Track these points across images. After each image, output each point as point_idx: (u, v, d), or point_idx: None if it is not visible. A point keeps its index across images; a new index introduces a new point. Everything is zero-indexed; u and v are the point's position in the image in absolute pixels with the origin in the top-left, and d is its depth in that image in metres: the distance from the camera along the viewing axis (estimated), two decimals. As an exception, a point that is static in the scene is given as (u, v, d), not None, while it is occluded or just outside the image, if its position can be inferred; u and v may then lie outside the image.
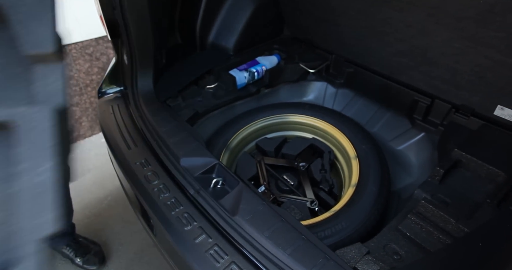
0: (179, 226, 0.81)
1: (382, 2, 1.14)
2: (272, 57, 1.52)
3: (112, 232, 1.59)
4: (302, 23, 1.58)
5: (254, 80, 1.44)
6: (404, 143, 1.30)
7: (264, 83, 1.46)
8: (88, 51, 1.82)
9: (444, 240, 0.79)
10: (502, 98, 1.03)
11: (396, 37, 1.20)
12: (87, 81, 1.92)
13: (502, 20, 0.89)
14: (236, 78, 1.38)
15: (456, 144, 1.00)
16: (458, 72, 1.08)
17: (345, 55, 1.46)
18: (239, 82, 1.39)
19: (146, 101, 1.16)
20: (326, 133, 1.33)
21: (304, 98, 1.58)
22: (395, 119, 1.35)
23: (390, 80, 1.31)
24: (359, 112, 1.45)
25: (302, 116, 1.37)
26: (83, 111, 2.00)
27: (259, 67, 1.46)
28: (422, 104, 1.24)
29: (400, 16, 1.14)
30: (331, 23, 1.42)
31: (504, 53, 0.94)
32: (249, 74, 1.41)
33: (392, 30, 1.20)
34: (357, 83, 1.47)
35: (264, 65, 1.47)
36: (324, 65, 1.52)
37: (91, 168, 1.91)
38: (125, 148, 1.04)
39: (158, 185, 0.92)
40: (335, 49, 1.51)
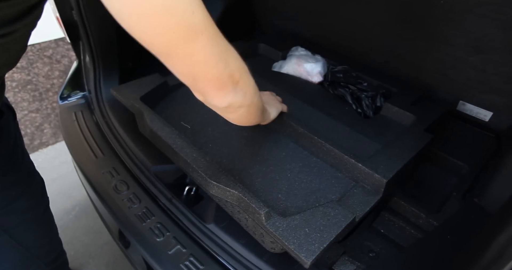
0: (151, 237, 0.78)
1: (353, 1, 1.15)
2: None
3: (82, 245, 1.51)
4: (274, 22, 1.57)
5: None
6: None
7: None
8: (47, 54, 1.71)
9: (416, 234, 0.82)
10: (463, 94, 1.08)
11: (363, 35, 1.22)
12: (48, 86, 1.80)
13: (460, 19, 0.93)
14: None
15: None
16: (422, 69, 1.12)
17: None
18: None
19: (112, 106, 1.10)
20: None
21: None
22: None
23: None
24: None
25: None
26: (44, 118, 1.88)
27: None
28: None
29: (367, 14, 1.16)
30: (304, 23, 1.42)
31: (463, 51, 0.98)
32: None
33: (359, 30, 1.22)
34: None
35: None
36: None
37: (56, 177, 1.80)
38: (91, 157, 0.99)
39: (127, 195, 0.87)
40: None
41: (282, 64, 1.21)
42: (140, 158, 0.95)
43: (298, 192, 0.76)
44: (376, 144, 0.88)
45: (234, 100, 0.54)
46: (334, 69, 1.13)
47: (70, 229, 1.57)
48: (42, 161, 1.90)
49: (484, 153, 1.00)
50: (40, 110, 1.84)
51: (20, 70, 1.67)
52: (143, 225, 0.80)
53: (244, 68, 0.54)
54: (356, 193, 0.73)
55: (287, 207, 0.72)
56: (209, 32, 0.44)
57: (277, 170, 0.81)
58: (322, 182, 0.78)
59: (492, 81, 0.97)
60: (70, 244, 1.50)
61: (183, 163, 0.78)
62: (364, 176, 0.77)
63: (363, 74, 1.13)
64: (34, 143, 1.93)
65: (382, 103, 1.02)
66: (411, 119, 0.97)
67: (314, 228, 0.63)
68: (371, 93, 1.03)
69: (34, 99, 1.79)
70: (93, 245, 1.50)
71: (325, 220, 0.65)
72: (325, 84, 1.13)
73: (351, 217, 0.66)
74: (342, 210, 0.67)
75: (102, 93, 1.13)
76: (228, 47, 0.49)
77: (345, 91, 1.06)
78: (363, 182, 0.77)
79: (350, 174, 0.80)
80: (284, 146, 0.88)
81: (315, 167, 0.82)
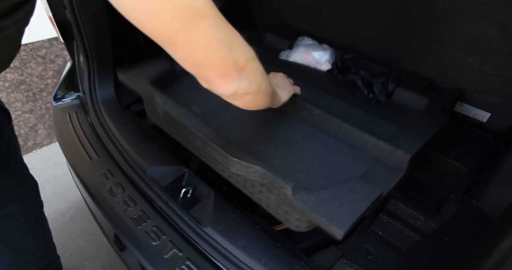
0: (147, 241, 0.76)
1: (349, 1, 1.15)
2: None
3: (77, 247, 1.49)
4: (272, 22, 1.56)
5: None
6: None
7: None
8: (40, 53, 1.69)
9: (414, 237, 0.81)
10: (461, 94, 1.07)
11: (362, 35, 1.21)
12: (42, 86, 1.78)
13: (459, 19, 0.93)
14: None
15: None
16: (420, 69, 1.11)
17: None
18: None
19: (107, 107, 1.09)
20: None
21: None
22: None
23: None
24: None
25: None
26: (38, 118, 1.86)
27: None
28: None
29: (365, 15, 1.15)
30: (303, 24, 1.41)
31: (461, 51, 0.98)
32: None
33: (355, 30, 1.21)
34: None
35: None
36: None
37: (50, 178, 1.78)
38: (86, 159, 0.97)
39: (123, 198, 0.86)
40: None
41: (289, 53, 1.18)
42: (135, 160, 0.93)
43: (319, 172, 0.74)
44: (392, 125, 0.85)
45: (240, 88, 0.52)
46: (344, 56, 1.11)
47: (65, 231, 1.55)
48: (36, 162, 1.87)
49: (482, 154, 1.00)
50: (34, 110, 1.82)
51: (13, 70, 1.64)
52: (138, 229, 0.79)
53: (251, 54, 0.52)
54: (379, 171, 0.71)
55: (309, 186, 0.69)
56: (211, 16, 0.43)
57: (295, 152, 0.78)
58: (342, 162, 0.76)
59: (490, 82, 0.96)
60: (65, 247, 1.48)
61: (200, 143, 0.75)
62: (386, 154, 0.74)
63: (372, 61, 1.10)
64: (28, 144, 1.90)
65: (394, 88, 1.00)
66: (425, 102, 0.94)
67: (343, 201, 0.62)
68: (382, 78, 1.01)
69: (28, 100, 1.77)
70: (88, 247, 1.49)
71: (353, 194, 0.63)
72: (335, 71, 1.11)
73: (379, 191, 0.64)
74: (369, 185, 0.66)
75: (97, 94, 1.11)
76: (232, 32, 0.48)
77: (355, 77, 1.04)
78: (386, 160, 0.75)
79: (370, 153, 0.77)
80: (300, 129, 0.86)
81: (334, 148, 0.80)
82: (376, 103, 1.00)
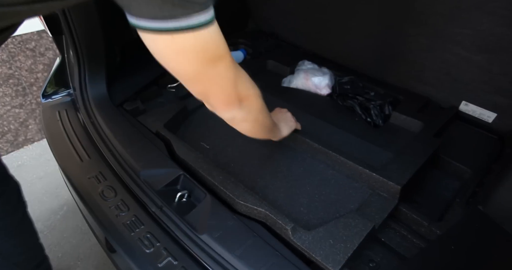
0: (140, 249, 0.73)
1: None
2: (237, 52, 1.43)
3: (70, 246, 1.46)
4: (268, 16, 1.51)
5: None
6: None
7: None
8: (29, 46, 1.62)
9: (418, 244, 0.78)
10: (466, 94, 1.04)
11: (363, 31, 1.17)
12: (32, 80, 1.72)
13: (468, 16, 0.88)
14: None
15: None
16: (425, 68, 1.08)
17: (312, 49, 1.42)
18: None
19: (98, 105, 1.04)
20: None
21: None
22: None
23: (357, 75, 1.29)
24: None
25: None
26: (29, 113, 1.80)
27: (223, 63, 1.37)
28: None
29: (368, 11, 1.10)
30: (297, 16, 1.36)
31: (469, 50, 0.94)
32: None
33: (360, 25, 1.17)
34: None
35: (229, 61, 1.38)
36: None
37: (42, 175, 1.74)
38: (76, 160, 0.93)
39: (115, 203, 0.82)
40: (302, 43, 1.46)
41: (291, 79, 1.27)
42: (128, 162, 0.89)
43: (319, 204, 0.82)
44: (388, 152, 0.94)
45: (239, 115, 0.64)
46: (341, 80, 1.19)
47: (57, 230, 1.51)
48: (27, 159, 1.82)
49: (487, 156, 0.97)
50: (24, 105, 1.76)
51: (1, 64, 1.58)
52: (131, 235, 0.75)
53: (252, 88, 0.63)
54: (373, 201, 0.79)
55: (309, 219, 0.79)
56: (226, 59, 0.53)
57: (297, 185, 0.87)
58: (340, 193, 0.84)
59: (498, 81, 0.93)
60: (57, 246, 1.45)
61: (210, 184, 0.85)
62: (379, 185, 0.82)
63: (368, 82, 1.19)
64: (18, 140, 1.85)
65: (391, 111, 1.08)
66: (419, 125, 1.02)
67: (337, 239, 0.69)
68: (379, 102, 1.09)
69: (17, 94, 1.71)
70: (81, 246, 1.45)
71: (347, 230, 0.71)
72: (334, 96, 1.20)
73: (371, 225, 0.71)
74: (362, 219, 0.73)
75: (88, 91, 1.06)
76: (240, 71, 0.59)
77: (353, 102, 1.12)
78: (379, 190, 0.83)
79: (366, 184, 0.86)
80: (301, 162, 0.95)
81: (332, 179, 0.89)
82: (374, 127, 1.07)
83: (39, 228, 1.51)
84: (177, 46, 0.46)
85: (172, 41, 0.45)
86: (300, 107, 1.12)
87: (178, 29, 0.43)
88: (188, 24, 0.44)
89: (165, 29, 0.43)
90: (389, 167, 0.83)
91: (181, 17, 0.43)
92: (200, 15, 0.44)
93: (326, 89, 1.21)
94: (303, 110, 1.10)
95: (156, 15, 0.42)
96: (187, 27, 0.44)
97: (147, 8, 0.41)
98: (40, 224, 1.52)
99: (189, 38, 0.45)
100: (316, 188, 0.86)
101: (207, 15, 0.45)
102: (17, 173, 0.85)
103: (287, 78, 1.28)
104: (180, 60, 0.49)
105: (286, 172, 0.92)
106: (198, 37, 0.46)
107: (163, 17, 0.42)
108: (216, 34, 0.49)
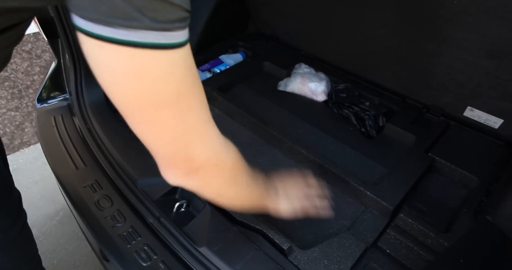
0: (136, 262, 0.70)
1: (352, 0, 1.07)
2: (237, 55, 1.41)
3: (66, 253, 1.43)
4: (268, 19, 1.48)
5: (218, 81, 1.33)
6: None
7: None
8: (25, 48, 1.59)
9: (425, 256, 0.76)
10: (472, 99, 1.01)
11: (367, 36, 1.14)
12: (28, 82, 1.69)
13: (475, 21, 0.86)
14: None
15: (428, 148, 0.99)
16: (429, 73, 1.05)
17: (313, 53, 1.39)
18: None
19: (95, 110, 1.01)
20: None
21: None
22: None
23: (359, 79, 1.26)
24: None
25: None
26: (25, 116, 1.77)
27: (223, 66, 1.34)
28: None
29: (372, 15, 1.08)
30: (298, 19, 1.33)
31: (475, 55, 0.92)
32: (213, 75, 1.30)
33: (364, 29, 1.14)
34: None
35: (228, 64, 1.36)
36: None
37: (38, 179, 1.70)
38: (71, 168, 0.90)
39: (111, 213, 0.79)
40: (302, 46, 1.43)
41: (287, 83, 1.24)
42: (125, 170, 0.86)
43: (312, 218, 0.79)
44: (381, 167, 0.95)
45: (187, 186, 0.49)
46: (337, 87, 1.19)
47: (53, 236, 1.48)
48: (23, 162, 1.79)
49: (494, 163, 0.95)
50: (20, 108, 1.73)
51: (-3, 66, 1.55)
52: (128, 247, 0.73)
53: (219, 159, 0.47)
54: (366, 219, 0.80)
55: (303, 234, 0.80)
56: (179, 107, 0.38)
57: None
58: (334, 208, 0.81)
59: (505, 87, 0.90)
60: (53, 253, 1.42)
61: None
62: (372, 203, 0.83)
63: (365, 90, 1.19)
64: (14, 143, 1.82)
65: (384, 123, 1.08)
66: (412, 139, 1.02)
67: (331, 259, 0.72)
68: (373, 113, 1.09)
69: (13, 97, 1.68)
70: (78, 253, 1.43)
71: (340, 251, 0.73)
72: (330, 103, 1.18)
73: (363, 247, 0.73)
74: (355, 240, 0.75)
75: (84, 96, 1.03)
76: (201, 129, 0.43)
77: (349, 112, 1.12)
78: (372, 208, 0.84)
79: (359, 200, 0.86)
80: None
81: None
82: (368, 138, 1.07)
83: (35, 234, 1.47)
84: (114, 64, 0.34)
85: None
86: (296, 113, 1.11)
87: (142, 44, 0.32)
88: (157, 41, 0.32)
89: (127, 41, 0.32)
90: (382, 186, 0.85)
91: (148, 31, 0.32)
92: (176, 32, 0.34)
93: (322, 95, 1.19)
94: (299, 117, 1.09)
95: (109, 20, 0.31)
96: (152, 44, 0.32)
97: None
98: (36, 230, 1.49)
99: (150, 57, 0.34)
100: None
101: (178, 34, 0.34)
102: (13, 177, 0.82)
103: (283, 81, 1.26)
104: (115, 84, 0.36)
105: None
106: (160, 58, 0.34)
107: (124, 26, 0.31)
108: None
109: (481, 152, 0.98)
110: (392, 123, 1.06)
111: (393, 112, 1.13)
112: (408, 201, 0.87)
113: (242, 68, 1.34)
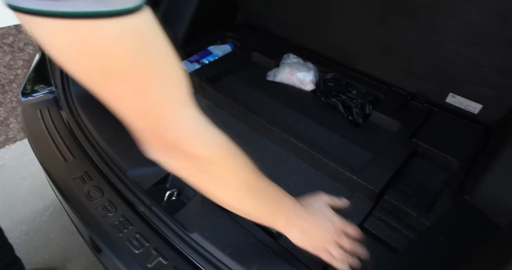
0: (129, 249, 0.71)
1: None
2: (225, 46, 1.41)
3: (57, 248, 1.42)
4: (256, 9, 1.48)
5: (206, 72, 1.33)
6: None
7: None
8: (7, 41, 1.55)
9: (408, 235, 0.79)
10: (453, 86, 1.05)
11: (352, 24, 1.16)
12: (11, 76, 1.65)
13: (455, 8, 0.88)
14: (186, 71, 1.25)
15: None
16: (413, 61, 1.08)
17: (301, 43, 1.40)
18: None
19: (82, 102, 1.00)
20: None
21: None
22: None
23: (346, 68, 1.29)
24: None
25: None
26: (9, 111, 1.74)
27: (211, 57, 1.35)
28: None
29: (357, 3, 1.09)
30: (285, 9, 1.34)
31: (456, 42, 0.94)
32: (201, 66, 1.30)
33: (348, 18, 1.16)
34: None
35: (217, 55, 1.36)
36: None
37: (26, 175, 1.68)
38: (60, 160, 0.90)
39: (102, 203, 0.80)
40: (290, 36, 1.44)
41: (276, 73, 1.25)
42: (115, 161, 0.86)
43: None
44: (368, 153, 0.98)
45: (165, 163, 0.45)
46: (325, 76, 1.21)
47: (43, 232, 1.48)
48: (9, 159, 1.76)
49: (474, 147, 0.99)
50: (3, 103, 1.69)
51: (-22, 60, 1.51)
52: (120, 236, 0.74)
53: (207, 151, 0.43)
54: (353, 203, 0.82)
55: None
56: (137, 83, 0.35)
57: (281, 184, 0.85)
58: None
59: (484, 73, 0.94)
60: (44, 248, 1.41)
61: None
62: (359, 187, 0.86)
63: (352, 79, 1.22)
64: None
65: (371, 111, 1.11)
66: (397, 125, 1.05)
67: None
68: (360, 101, 1.12)
69: (-4, 92, 1.64)
70: (69, 247, 1.42)
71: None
72: (318, 92, 1.20)
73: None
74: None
75: (71, 88, 1.02)
76: (177, 111, 0.39)
77: (336, 101, 1.14)
78: (358, 192, 0.87)
79: (346, 185, 0.89)
80: (285, 160, 0.96)
81: (315, 179, 0.91)
82: (355, 125, 1.10)
83: (24, 230, 1.47)
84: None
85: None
86: (285, 102, 1.13)
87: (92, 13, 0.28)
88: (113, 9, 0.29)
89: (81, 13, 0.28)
90: (368, 171, 0.87)
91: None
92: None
93: (310, 84, 1.21)
94: (287, 106, 1.11)
95: None
96: (86, 13, 0.28)
97: None
98: (25, 226, 1.48)
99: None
100: (299, 188, 0.87)
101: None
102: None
103: (272, 72, 1.27)
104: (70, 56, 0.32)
105: (271, 170, 0.92)
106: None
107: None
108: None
109: (461, 137, 1.02)
110: (378, 111, 1.09)
111: (379, 100, 1.16)
112: (393, 184, 0.90)
113: (231, 58, 1.34)
